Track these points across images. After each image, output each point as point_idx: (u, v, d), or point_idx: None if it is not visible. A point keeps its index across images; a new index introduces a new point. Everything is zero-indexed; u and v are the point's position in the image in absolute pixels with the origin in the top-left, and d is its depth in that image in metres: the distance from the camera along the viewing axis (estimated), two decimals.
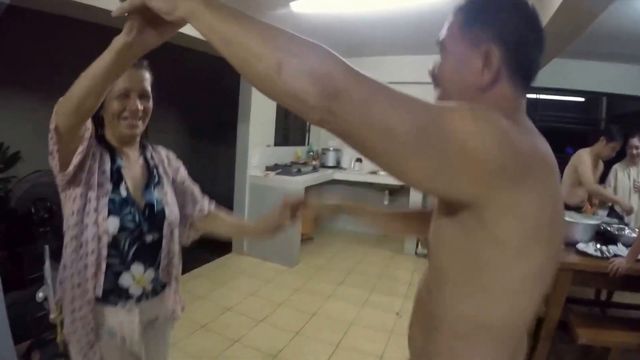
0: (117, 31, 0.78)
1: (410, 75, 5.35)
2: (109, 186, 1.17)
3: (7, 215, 3.00)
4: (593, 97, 5.34)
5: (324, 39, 0.99)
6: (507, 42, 0.71)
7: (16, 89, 3.87)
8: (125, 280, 1.19)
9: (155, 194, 1.27)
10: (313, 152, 5.79)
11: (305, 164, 5.44)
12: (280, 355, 2.71)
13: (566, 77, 4.91)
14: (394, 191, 5.51)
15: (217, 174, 6.40)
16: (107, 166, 1.19)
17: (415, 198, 4.90)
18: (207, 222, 1.45)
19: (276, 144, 5.17)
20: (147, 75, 1.23)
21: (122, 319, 1.20)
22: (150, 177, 1.30)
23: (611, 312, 3.31)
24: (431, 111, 0.59)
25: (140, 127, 1.23)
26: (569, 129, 5.30)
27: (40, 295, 2.36)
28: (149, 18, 0.72)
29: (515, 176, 0.59)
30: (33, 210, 2.53)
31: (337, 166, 5.78)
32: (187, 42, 3.54)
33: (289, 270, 4.31)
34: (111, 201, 1.16)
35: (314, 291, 3.80)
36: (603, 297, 3.45)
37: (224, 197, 4.85)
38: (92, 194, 1.13)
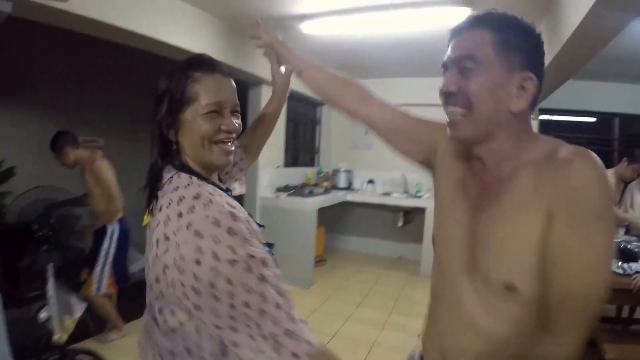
0: (115, 46, 0.75)
1: (418, 97, 5.43)
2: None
3: (2, 231, 2.93)
4: (606, 118, 5.36)
5: (334, 59, 0.97)
6: (538, 70, 0.78)
7: (12, 104, 3.81)
8: None
9: None
10: (323, 173, 5.73)
11: (316, 185, 5.37)
12: None
13: (579, 98, 4.99)
14: (407, 213, 5.41)
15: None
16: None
17: (430, 218, 4.81)
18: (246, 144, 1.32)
19: (286, 165, 5.08)
20: (234, 85, 0.93)
21: None
22: None
23: (635, 328, 3.25)
24: None
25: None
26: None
27: (42, 315, 2.29)
28: None
29: None
30: (37, 226, 2.45)
31: (349, 187, 5.70)
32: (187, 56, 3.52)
33: (304, 290, 4.17)
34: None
35: (331, 312, 3.66)
36: (625, 314, 3.34)
37: None
38: None
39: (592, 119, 5.53)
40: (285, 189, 4.71)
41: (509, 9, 0.81)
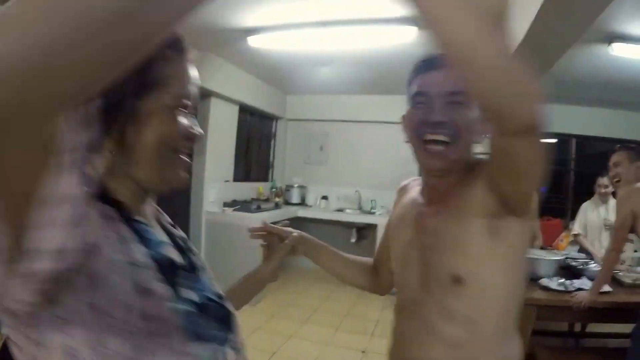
0: None
1: (367, 114, 5.59)
2: None
3: None
4: (563, 139, 5.59)
5: (279, 76, 0.96)
6: None
7: None
8: None
9: None
10: (276, 188, 5.67)
11: (267, 200, 5.29)
12: None
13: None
14: (361, 229, 5.43)
15: (171, 209, 6.16)
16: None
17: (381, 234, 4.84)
18: None
19: (236, 179, 4.98)
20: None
21: None
22: None
23: (586, 342, 3.30)
24: None
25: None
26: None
27: None
28: None
29: None
30: None
31: (302, 203, 5.65)
32: None
33: (251, 308, 4.06)
34: None
35: (276, 330, 3.58)
36: (578, 328, 3.44)
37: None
38: None
39: (553, 140, 5.76)
40: (232, 203, 4.60)
41: None
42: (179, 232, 0.78)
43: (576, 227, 3.55)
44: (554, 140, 5.61)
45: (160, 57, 0.58)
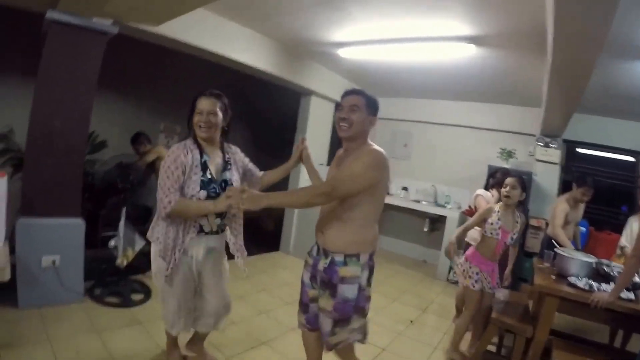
0: (184, 56, 1.61)
1: (448, 118, 6.06)
2: (199, 172, 1.96)
3: (90, 189, 3.85)
4: (635, 156, 5.27)
5: (368, 80, 1.88)
6: (375, 114, 1.88)
7: (113, 93, 4.84)
8: (203, 221, 2.00)
9: (227, 175, 2.07)
10: None
11: None
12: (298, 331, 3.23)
13: (617, 136, 5.09)
14: (433, 220, 5.90)
15: (278, 188, 7.14)
16: (198, 161, 1.98)
17: (450, 225, 5.30)
18: (262, 180, 2.32)
19: (329, 163, 5.74)
20: (215, 101, 2.02)
21: (194, 243, 2.01)
22: (226, 164, 2.09)
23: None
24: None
25: (210, 132, 1.99)
26: (620, 185, 5.29)
27: (112, 243, 3.13)
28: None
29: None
30: (119, 180, 3.34)
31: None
32: (252, 71, 4.38)
33: None
34: (202, 181, 1.95)
35: None
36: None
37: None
38: (190, 178, 1.94)
39: (632, 159, 5.38)
40: None
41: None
42: (231, 159, 2.15)
43: (622, 239, 3.67)
44: (622, 157, 5.40)
45: (195, 100, 2.02)
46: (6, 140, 3.88)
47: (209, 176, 1.97)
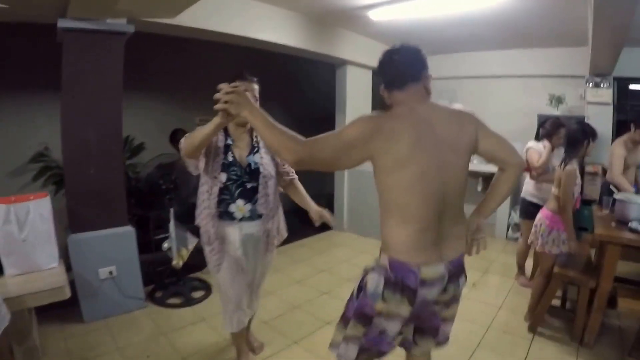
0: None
1: (493, 69, 5.66)
2: (221, 155, 1.92)
3: (136, 193, 3.79)
4: None
5: (405, 39, 1.56)
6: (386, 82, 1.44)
7: (141, 93, 4.70)
8: (232, 208, 1.94)
9: (254, 158, 1.99)
10: None
11: None
12: None
13: None
14: (486, 178, 5.58)
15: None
16: (222, 143, 1.94)
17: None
18: (289, 188, 2.23)
19: None
20: (255, 87, 1.92)
21: (230, 230, 1.97)
22: (252, 148, 2.01)
23: None
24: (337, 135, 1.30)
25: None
26: None
27: (165, 245, 3.10)
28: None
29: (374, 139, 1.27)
30: (162, 181, 3.29)
31: None
32: (282, 48, 4.17)
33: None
34: (223, 164, 1.91)
35: None
36: None
37: (323, 182, 5.47)
38: (213, 159, 1.91)
39: None
40: None
41: None
42: (260, 142, 2.04)
43: None
44: None
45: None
46: (44, 158, 3.85)
47: (231, 159, 1.94)
